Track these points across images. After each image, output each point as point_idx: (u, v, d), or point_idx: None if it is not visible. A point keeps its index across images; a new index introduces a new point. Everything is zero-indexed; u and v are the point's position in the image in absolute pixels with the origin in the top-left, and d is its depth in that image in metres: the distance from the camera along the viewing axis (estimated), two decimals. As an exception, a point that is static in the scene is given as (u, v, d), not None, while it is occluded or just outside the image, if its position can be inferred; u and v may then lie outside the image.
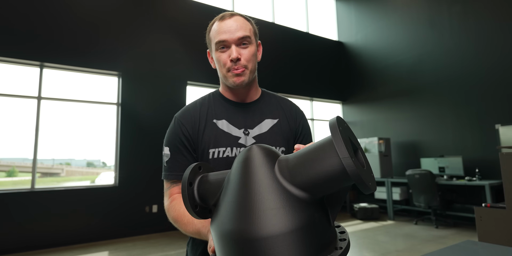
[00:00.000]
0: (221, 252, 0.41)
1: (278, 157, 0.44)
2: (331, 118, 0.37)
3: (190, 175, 0.50)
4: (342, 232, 0.44)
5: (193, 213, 0.49)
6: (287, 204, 0.38)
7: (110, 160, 4.65)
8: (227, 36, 0.84)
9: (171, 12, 5.18)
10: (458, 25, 5.19)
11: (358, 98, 6.89)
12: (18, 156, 4.19)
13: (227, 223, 0.40)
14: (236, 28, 0.85)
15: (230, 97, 0.95)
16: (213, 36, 0.88)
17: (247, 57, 0.86)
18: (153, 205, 4.55)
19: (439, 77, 5.39)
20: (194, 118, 0.91)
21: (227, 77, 0.87)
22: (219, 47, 0.86)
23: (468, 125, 4.96)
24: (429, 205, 4.62)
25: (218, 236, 0.41)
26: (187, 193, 0.49)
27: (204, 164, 0.55)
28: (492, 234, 1.49)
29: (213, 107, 0.93)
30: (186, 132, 0.89)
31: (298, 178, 0.39)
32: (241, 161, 0.44)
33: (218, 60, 0.87)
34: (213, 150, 0.88)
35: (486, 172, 4.64)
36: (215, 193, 0.47)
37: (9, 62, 4.01)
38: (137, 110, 4.67)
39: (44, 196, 3.90)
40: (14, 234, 3.67)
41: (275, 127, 0.94)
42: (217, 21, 0.88)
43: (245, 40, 0.86)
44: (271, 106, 0.98)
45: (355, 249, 3.66)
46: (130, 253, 3.59)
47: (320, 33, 7.24)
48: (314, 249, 0.37)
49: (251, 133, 0.91)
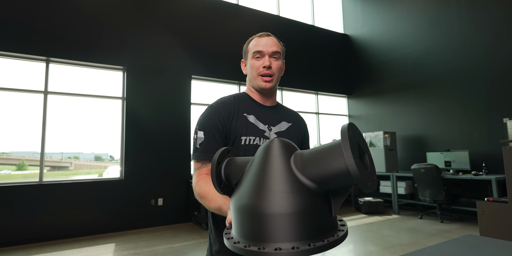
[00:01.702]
0: (236, 222, 0.48)
1: (295, 151, 0.50)
2: (344, 124, 0.43)
3: (220, 156, 0.58)
4: (342, 225, 0.50)
5: (218, 188, 0.57)
6: (295, 189, 0.44)
7: (117, 154, 4.71)
8: (264, 49, 1.06)
9: (175, 6, 5.15)
10: (466, 17, 5.07)
11: (363, 92, 6.82)
12: (28, 150, 4.27)
13: (244, 198, 0.47)
14: (271, 44, 1.06)
15: (256, 99, 1.12)
16: (252, 48, 1.08)
17: (276, 67, 1.07)
18: (158, 198, 4.61)
19: (446, 70, 5.30)
20: (230, 109, 1.05)
21: (257, 81, 1.06)
22: (255, 56, 1.06)
23: (475, 118, 4.89)
24: (435, 199, 4.59)
25: (235, 209, 0.49)
26: (215, 171, 0.57)
27: (233, 149, 0.63)
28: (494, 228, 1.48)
29: (243, 104, 1.09)
30: (222, 120, 1.02)
31: (309, 171, 0.45)
32: (263, 150, 0.51)
33: (252, 65, 1.07)
34: (245, 138, 1.03)
35: (493, 167, 4.59)
36: (238, 174, 0.55)
37: (16, 57, 4.06)
38: (142, 104, 4.70)
39: (52, 189, 3.97)
40: (23, 226, 3.76)
41: (291, 129, 1.13)
42: (256, 37, 1.09)
43: (276, 54, 1.07)
44: (285, 113, 1.18)
45: (359, 242, 3.67)
46: (136, 245, 3.66)
47: (325, 26, 7.15)
48: (313, 232, 0.43)
49: (273, 129, 1.08)
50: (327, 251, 3.31)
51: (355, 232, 4.12)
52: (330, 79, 6.94)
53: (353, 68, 7.10)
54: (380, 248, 3.38)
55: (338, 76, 7.07)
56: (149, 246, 3.59)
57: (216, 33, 5.47)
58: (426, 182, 4.65)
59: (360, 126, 6.78)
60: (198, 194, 0.93)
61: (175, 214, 4.68)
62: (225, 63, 5.44)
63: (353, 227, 4.37)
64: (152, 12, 4.94)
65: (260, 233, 0.44)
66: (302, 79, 6.48)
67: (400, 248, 3.38)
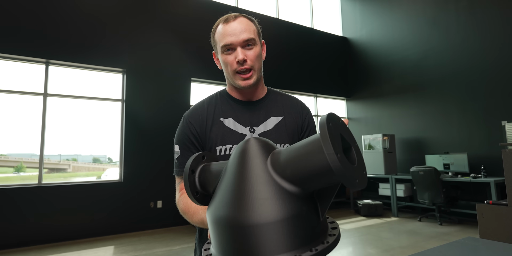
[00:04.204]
0: (214, 236, 0.43)
1: (273, 150, 0.44)
2: (323, 115, 0.37)
3: (193, 163, 0.52)
4: (334, 228, 0.45)
5: (193, 198, 0.51)
6: (275, 195, 0.39)
7: (115, 156, 4.70)
8: (233, 39, 0.87)
9: (175, 9, 5.17)
10: (464, 20, 5.11)
11: (362, 95, 6.85)
12: (26, 152, 4.26)
13: (220, 210, 0.42)
14: (240, 31, 0.87)
15: (236, 96, 0.99)
16: (219, 39, 0.90)
17: (253, 58, 0.89)
18: (157, 200, 4.60)
19: (444, 73, 5.33)
20: (202, 117, 0.95)
21: (235, 79, 0.91)
22: (225, 50, 0.89)
23: (473, 121, 4.91)
24: (434, 202, 4.60)
25: (211, 221, 0.43)
26: (188, 180, 0.51)
27: (208, 154, 0.56)
28: (494, 231, 1.49)
29: (220, 106, 0.97)
30: (194, 130, 0.94)
31: (288, 172, 0.40)
32: (237, 152, 0.45)
33: (225, 62, 0.90)
34: (220, 147, 0.92)
35: (491, 169, 4.60)
36: (214, 181, 0.49)
37: (16, 59, 4.06)
38: (141, 107, 4.70)
39: (51, 191, 3.96)
40: (21, 228, 3.74)
41: (280, 124, 0.97)
42: (222, 24, 0.90)
43: (249, 42, 0.88)
44: (276, 104, 1.01)
45: (359, 245, 3.67)
46: (135, 247, 3.64)
47: (324, 29, 7.19)
48: (300, 240, 0.38)
49: (257, 130, 0.95)
50: (327, 253, 3.29)
51: (354, 234, 4.12)
52: (329, 81, 6.96)
53: (352, 71, 7.13)
54: (379, 251, 3.38)
55: (337, 78, 7.10)
56: (149, 249, 3.58)
57: (216, 35, 5.49)
58: (425, 185, 4.66)
59: (359, 129, 6.80)
60: (181, 210, 0.88)
61: (174, 217, 4.67)
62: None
63: (352, 230, 4.37)
64: (152, 14, 4.96)
65: (239, 247, 0.38)
66: (301, 81, 6.50)
67: (400, 250, 3.38)
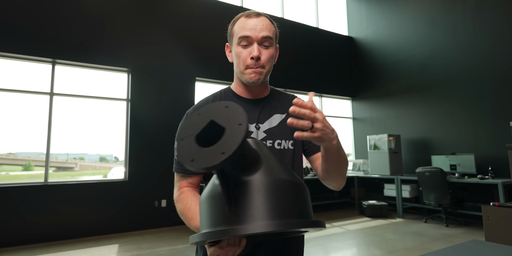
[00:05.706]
0: (268, 195, 0.51)
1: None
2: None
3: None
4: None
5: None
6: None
7: (121, 155, 4.74)
8: (252, 33, 0.86)
9: (179, 8, 5.19)
10: (472, 19, 5.04)
11: (368, 94, 6.79)
12: (34, 151, 4.31)
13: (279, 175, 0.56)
14: (261, 28, 0.87)
15: (241, 94, 0.98)
16: (237, 31, 0.89)
17: (267, 58, 0.88)
18: (162, 199, 4.62)
19: (451, 72, 5.26)
20: None
21: (245, 73, 0.89)
22: (241, 42, 0.88)
23: (481, 121, 4.84)
24: (440, 203, 4.55)
25: (266, 182, 0.53)
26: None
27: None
28: (500, 233, 1.46)
29: None
30: None
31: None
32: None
33: (238, 55, 0.89)
34: None
35: (499, 170, 4.53)
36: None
37: (22, 59, 4.11)
38: (146, 106, 4.72)
39: (56, 190, 4.00)
40: (27, 226, 3.79)
41: (284, 122, 0.98)
42: (243, 17, 0.90)
43: (267, 41, 0.88)
44: (280, 102, 1.01)
45: (363, 246, 3.64)
46: (139, 246, 3.66)
47: (330, 28, 7.15)
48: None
49: (262, 127, 0.94)
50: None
51: (358, 235, 4.09)
52: (334, 81, 6.92)
53: (357, 71, 7.08)
54: (384, 252, 3.35)
55: (342, 78, 7.06)
56: (152, 248, 3.60)
57: (220, 35, 5.49)
58: (431, 186, 4.60)
59: (364, 129, 6.76)
60: (179, 210, 0.88)
61: (178, 216, 4.65)
62: (230, 65, 5.45)
63: (357, 231, 4.34)
64: (157, 14, 4.98)
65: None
66: (306, 81, 6.48)
67: (404, 252, 3.35)
